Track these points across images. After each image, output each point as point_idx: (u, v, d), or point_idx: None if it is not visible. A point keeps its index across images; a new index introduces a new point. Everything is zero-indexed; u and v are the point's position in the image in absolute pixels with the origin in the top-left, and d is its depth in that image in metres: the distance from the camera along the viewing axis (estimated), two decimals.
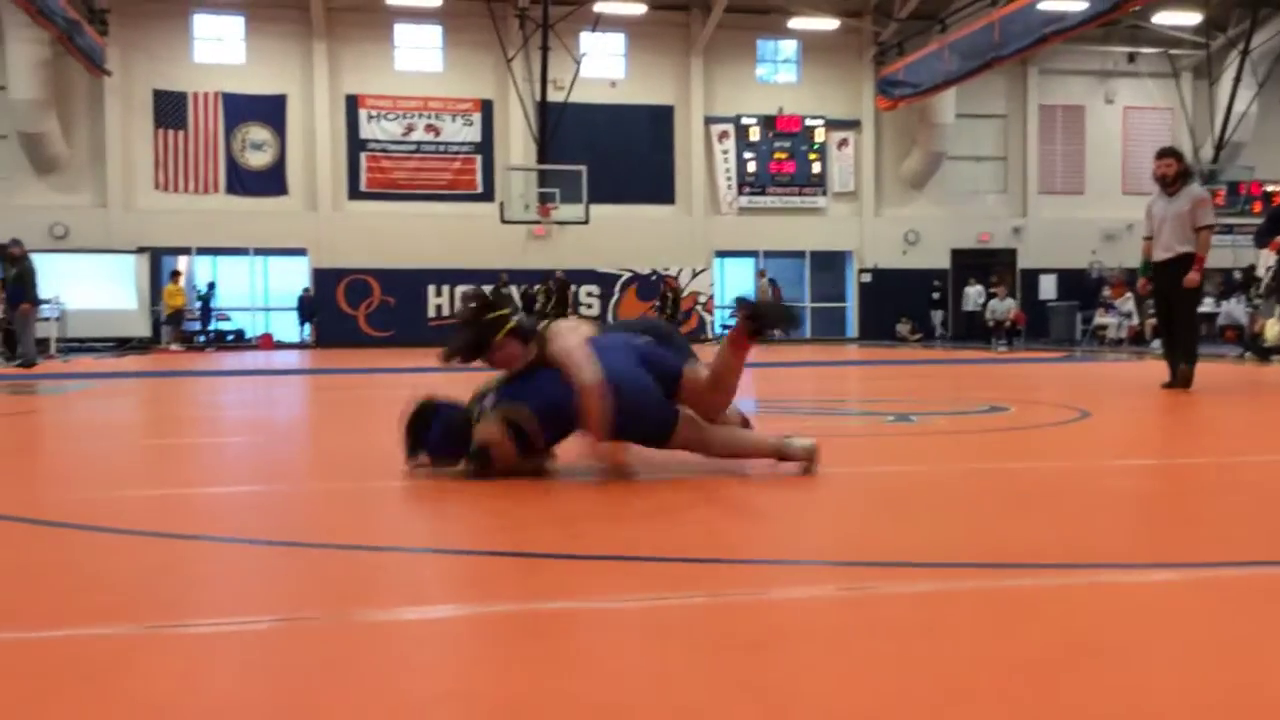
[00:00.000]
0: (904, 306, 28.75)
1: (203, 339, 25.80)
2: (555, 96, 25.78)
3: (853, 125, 29.30)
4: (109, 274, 24.87)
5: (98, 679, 1.85)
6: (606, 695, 1.75)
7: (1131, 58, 30.00)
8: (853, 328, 29.75)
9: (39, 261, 17.00)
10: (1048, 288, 29.35)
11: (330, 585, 2.56)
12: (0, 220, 22.09)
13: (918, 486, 3.91)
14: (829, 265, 29.78)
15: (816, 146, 29.00)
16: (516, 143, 27.19)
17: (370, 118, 27.04)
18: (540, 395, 3.75)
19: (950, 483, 4.11)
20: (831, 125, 29.12)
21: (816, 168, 29.04)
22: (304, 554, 2.91)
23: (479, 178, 27.45)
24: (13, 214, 23.45)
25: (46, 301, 18.48)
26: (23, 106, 23.87)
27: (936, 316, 29.04)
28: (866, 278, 29.47)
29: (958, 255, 29.36)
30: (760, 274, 27.96)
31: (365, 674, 1.89)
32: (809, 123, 28.91)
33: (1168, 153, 8.55)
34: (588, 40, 26.66)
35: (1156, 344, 13.20)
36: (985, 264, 28.51)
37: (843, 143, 29.22)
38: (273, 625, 2.21)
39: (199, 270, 26.75)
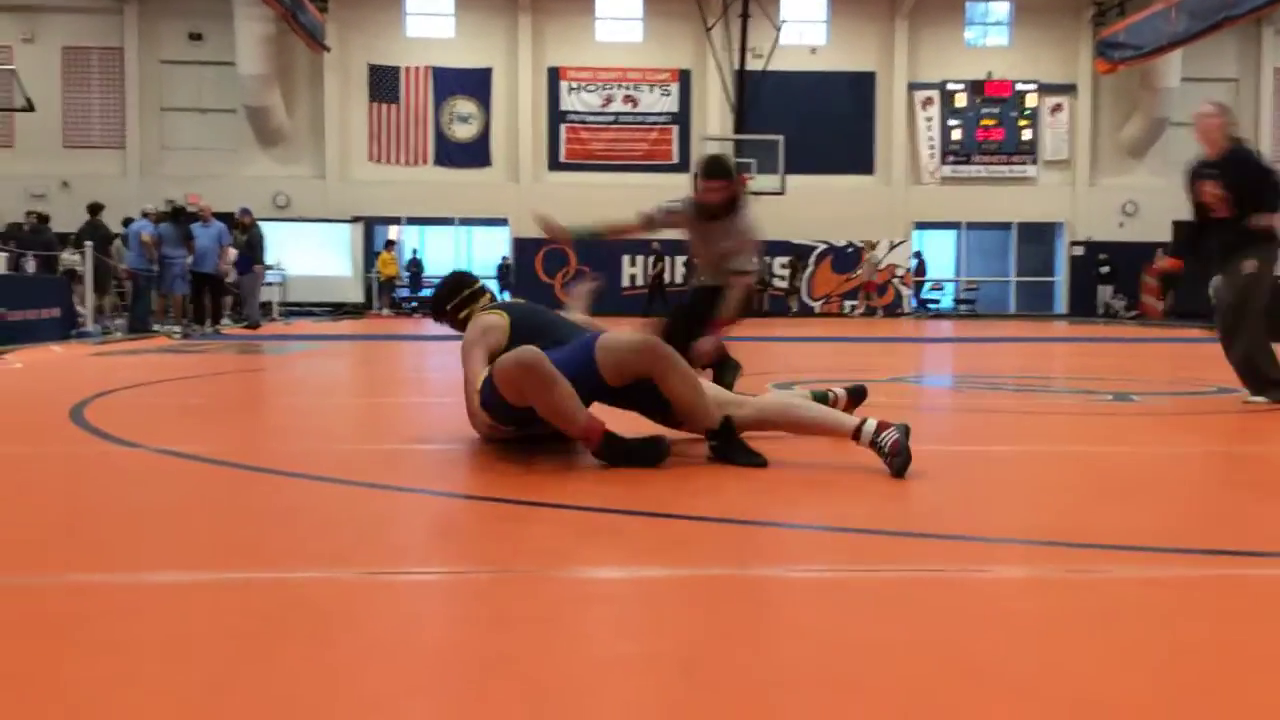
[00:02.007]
0: (1120, 281, 27.21)
1: (412, 305, 26.92)
2: (754, 65, 25.53)
3: (1068, 90, 27.86)
4: (326, 242, 26.24)
5: (323, 620, 1.93)
6: (826, 664, 1.70)
7: None
8: (1061, 303, 28.41)
9: (263, 230, 18.05)
10: None
11: (539, 541, 2.59)
12: (229, 190, 23.64)
13: (1144, 468, 3.68)
14: (1037, 237, 28.49)
15: (1027, 113, 27.72)
16: (713, 113, 27.09)
17: (570, 89, 27.47)
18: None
19: (1179, 465, 3.85)
20: (1044, 90, 27.76)
21: (1027, 135, 27.77)
22: (513, 510, 2.96)
23: (675, 148, 27.50)
24: (240, 184, 25.05)
25: (271, 267, 19.65)
26: (250, 82, 25.37)
27: (1104, 292, 27.21)
28: (1078, 251, 28.05)
29: (1180, 228, 27.54)
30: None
31: (570, 629, 1.90)
32: (1020, 88, 27.63)
33: (719, 171, 5.47)
34: (788, 7, 26.23)
35: None
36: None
37: (1056, 108, 27.83)
38: (487, 576, 2.25)
39: (406, 239, 27.90)
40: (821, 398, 4.24)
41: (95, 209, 16.25)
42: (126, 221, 16.77)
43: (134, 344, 12.10)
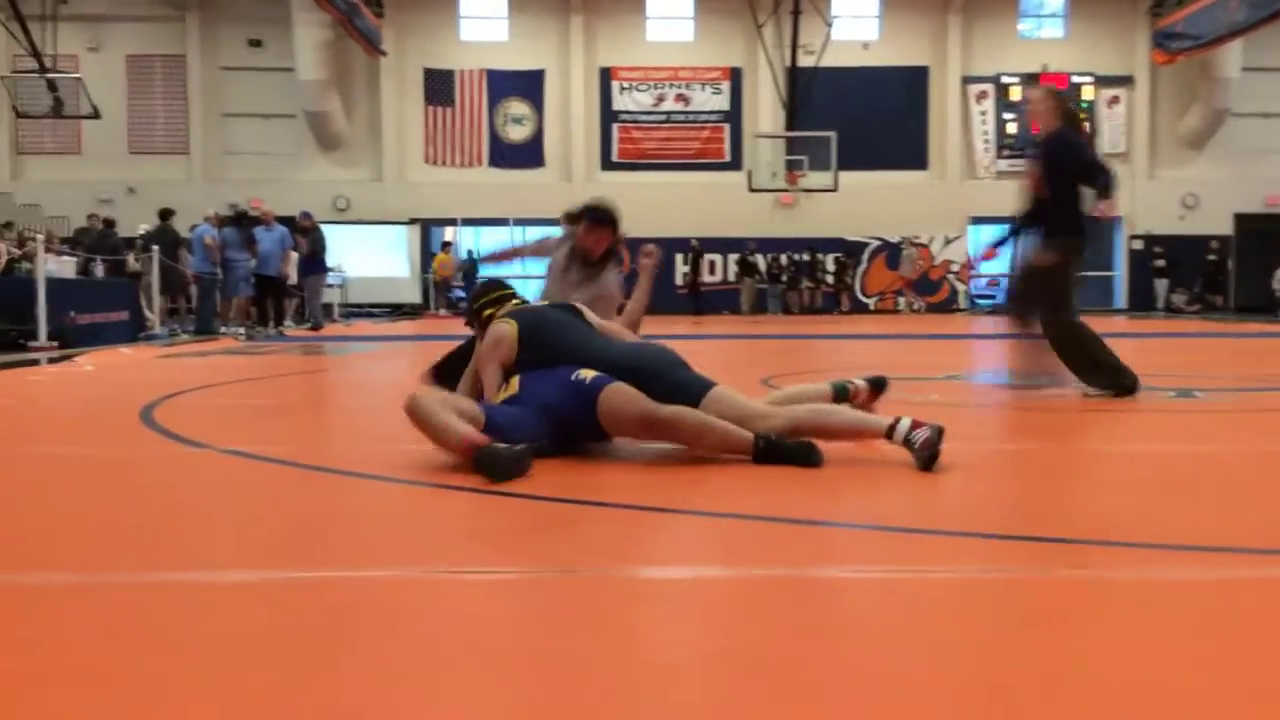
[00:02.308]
0: (1180, 275, 26.74)
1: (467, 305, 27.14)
2: (805, 61, 25.41)
3: (1125, 81, 27.40)
4: (385, 244, 26.59)
5: (389, 619, 1.99)
6: (878, 664, 1.73)
7: None
8: (1120, 298, 27.96)
9: (324, 232, 18.30)
10: None
11: (599, 541, 2.64)
12: (290, 194, 24.01)
13: (1209, 467, 3.65)
14: (1095, 231, 27.96)
15: (1084, 105, 27.30)
16: (765, 110, 27.01)
17: (622, 89, 27.56)
18: (533, 398, 3.76)
19: (1244, 464, 3.80)
20: (1101, 82, 27.33)
21: (1084, 127, 27.32)
22: (572, 510, 3.02)
23: (727, 146, 27.48)
24: (300, 188, 25.45)
25: (332, 269, 19.95)
26: (309, 87, 25.76)
27: (1160, 285, 26.83)
28: (1137, 244, 27.59)
29: (1242, 220, 26.99)
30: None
31: (628, 628, 1.94)
32: (1076, 80, 27.22)
33: (609, 221, 5.53)
34: (840, 2, 26.08)
35: None
36: (1274, 230, 26.12)
37: (1113, 100, 27.39)
38: (547, 576, 2.30)
39: (462, 240, 28.15)
40: (841, 389, 4.23)
41: (166, 214, 16.60)
42: (192, 227, 17.12)
43: (200, 346, 12.36)
